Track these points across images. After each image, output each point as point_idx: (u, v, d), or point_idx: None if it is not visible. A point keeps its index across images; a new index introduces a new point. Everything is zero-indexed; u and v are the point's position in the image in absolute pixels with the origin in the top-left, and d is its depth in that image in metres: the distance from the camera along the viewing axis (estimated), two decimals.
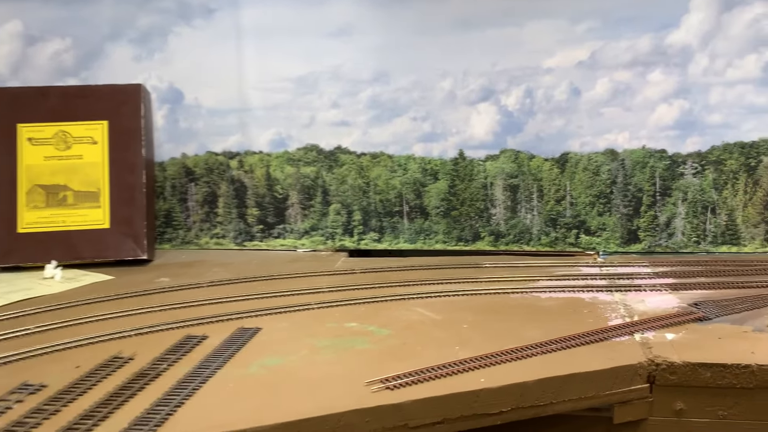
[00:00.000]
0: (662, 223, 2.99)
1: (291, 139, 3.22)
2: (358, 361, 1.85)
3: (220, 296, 2.50)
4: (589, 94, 2.96)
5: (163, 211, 3.38)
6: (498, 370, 1.76)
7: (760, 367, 1.73)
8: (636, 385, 1.77)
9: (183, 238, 3.40)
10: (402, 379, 1.71)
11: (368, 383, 1.69)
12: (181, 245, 3.40)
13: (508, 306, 2.32)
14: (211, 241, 3.37)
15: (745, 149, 2.87)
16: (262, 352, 1.94)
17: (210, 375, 1.79)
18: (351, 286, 2.60)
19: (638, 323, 2.05)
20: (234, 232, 3.35)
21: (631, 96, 2.93)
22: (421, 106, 3.09)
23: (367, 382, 1.69)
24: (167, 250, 3.40)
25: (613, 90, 2.94)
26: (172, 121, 3.31)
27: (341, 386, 1.69)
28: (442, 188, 3.13)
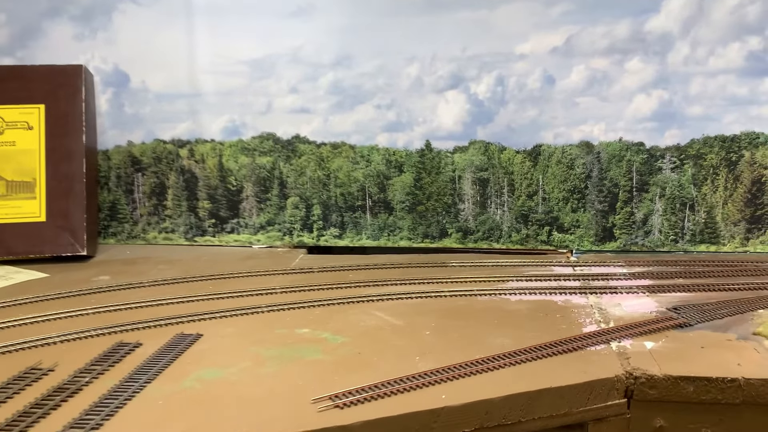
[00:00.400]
0: (639, 220, 2.84)
1: (245, 127, 2.99)
2: (307, 374, 1.66)
3: (162, 297, 2.29)
4: (563, 82, 2.79)
5: (108, 203, 3.13)
6: (461, 385, 1.59)
7: (747, 381, 1.57)
8: (612, 400, 1.61)
9: (129, 232, 3.16)
10: (353, 396, 1.52)
11: (315, 401, 1.51)
12: (127, 240, 3.16)
13: (474, 309, 2.14)
14: (160, 235, 3.14)
15: (726, 143, 2.72)
16: (201, 362, 1.75)
17: (137, 390, 1.60)
18: (307, 287, 2.40)
19: (615, 330, 1.89)
20: (184, 227, 3.11)
21: (608, 85, 2.76)
22: (386, 93, 2.89)
23: (314, 399, 1.51)
24: (111, 246, 3.15)
25: (589, 78, 2.77)
26: (117, 106, 3.06)
27: (284, 405, 1.50)
28: (407, 182, 2.94)
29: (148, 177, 3.11)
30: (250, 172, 3.02)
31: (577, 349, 1.77)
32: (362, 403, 1.50)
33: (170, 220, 3.13)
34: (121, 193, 3.13)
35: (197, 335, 1.96)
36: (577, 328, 1.93)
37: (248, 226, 3.08)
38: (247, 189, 3.04)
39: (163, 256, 2.95)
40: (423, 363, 1.70)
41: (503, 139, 2.86)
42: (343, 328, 1.98)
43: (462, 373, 1.63)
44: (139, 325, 2.03)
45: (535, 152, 2.86)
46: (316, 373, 1.67)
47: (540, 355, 1.73)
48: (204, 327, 2.03)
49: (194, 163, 3.06)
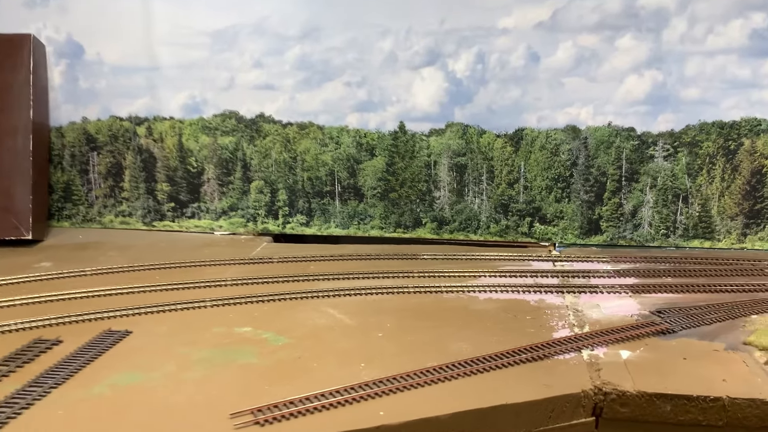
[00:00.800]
0: (627, 213, 2.62)
1: (206, 104, 2.78)
2: (234, 381, 1.48)
3: (100, 288, 2.10)
4: (549, 60, 2.56)
5: (62, 183, 2.93)
6: (405, 399, 1.39)
7: (732, 401, 1.37)
8: (578, 419, 1.42)
9: (84, 215, 2.96)
10: (278, 411, 1.33)
11: (234, 415, 1.32)
12: (82, 223, 2.96)
13: (438, 308, 1.94)
14: (117, 219, 2.94)
15: (725, 130, 2.50)
16: (120, 364, 1.58)
17: (39, 397, 1.43)
18: (261, 279, 2.21)
19: (588, 336, 1.68)
20: (142, 210, 2.91)
21: (597, 64, 2.54)
22: (357, 69, 2.66)
23: (233, 413, 1.32)
24: (64, 230, 2.96)
25: (577, 57, 2.54)
26: (71, 80, 2.85)
27: (197, 418, 1.33)
28: (379, 166, 2.72)
29: (104, 156, 2.90)
30: (212, 153, 2.81)
31: (543, 358, 1.57)
32: (287, 419, 1.32)
33: (127, 203, 2.92)
34: (76, 173, 2.93)
35: (126, 332, 1.78)
36: (546, 332, 1.73)
37: (210, 211, 2.87)
38: (209, 171, 2.84)
39: (117, 241, 2.76)
40: (368, 371, 1.51)
41: (483, 122, 2.64)
42: (289, 328, 1.79)
43: (408, 385, 1.44)
44: (64, 319, 1.85)
45: (517, 136, 2.64)
46: (244, 381, 1.48)
47: (499, 365, 1.53)
48: (135, 323, 1.84)
49: (152, 142, 2.85)
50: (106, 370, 1.56)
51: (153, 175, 2.88)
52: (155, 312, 1.93)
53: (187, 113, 2.80)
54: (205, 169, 2.84)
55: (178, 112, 2.80)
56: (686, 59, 2.49)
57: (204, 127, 2.79)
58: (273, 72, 2.70)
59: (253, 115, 2.76)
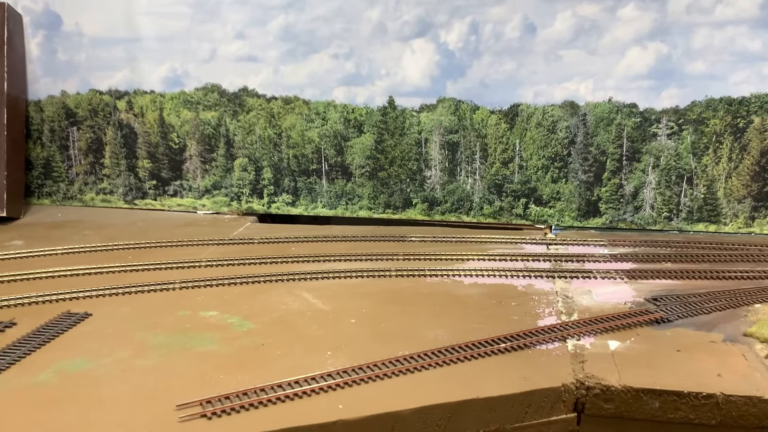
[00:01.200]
0: (628, 194, 2.48)
1: (188, 77, 2.66)
2: (188, 369, 1.39)
3: (65, 268, 2.00)
4: (546, 32, 2.41)
5: (41, 159, 2.83)
6: (369, 391, 1.29)
7: (727, 399, 1.25)
8: (558, 414, 1.31)
9: (65, 192, 2.86)
10: (230, 402, 1.23)
11: (180, 407, 1.21)
12: (63, 201, 2.87)
13: (418, 293, 1.83)
14: (98, 197, 2.84)
15: (733, 106, 2.34)
16: (72, 349, 1.50)
17: None
18: (238, 260, 2.11)
19: (575, 324, 1.56)
20: (123, 188, 2.81)
21: (598, 36, 2.38)
22: (344, 40, 2.53)
23: (179, 405, 1.21)
24: (44, 207, 2.86)
25: (576, 28, 2.39)
26: (49, 52, 2.74)
27: (142, 410, 1.24)
28: (367, 143, 2.60)
29: (84, 131, 2.80)
30: (194, 129, 2.69)
31: (524, 348, 1.45)
32: (237, 412, 1.22)
33: (108, 180, 2.82)
34: (56, 149, 2.83)
35: (85, 314, 1.69)
36: (531, 320, 1.62)
37: (192, 190, 2.76)
38: (191, 147, 2.72)
39: (95, 220, 2.66)
40: (333, 360, 1.41)
41: (476, 97, 2.50)
42: (258, 312, 1.70)
43: (374, 375, 1.34)
44: (23, 300, 1.77)
45: (512, 113, 2.50)
46: (199, 369, 1.39)
47: (475, 354, 1.42)
48: (97, 305, 1.76)
49: (133, 117, 2.74)
50: (56, 355, 1.47)
51: (134, 152, 2.77)
52: (120, 293, 1.83)
53: (168, 86, 2.68)
54: (187, 146, 2.73)
55: (158, 86, 2.69)
56: (693, 31, 2.33)
57: (185, 101, 2.68)
58: (256, 43, 2.57)
59: (235, 89, 2.64)
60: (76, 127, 2.79)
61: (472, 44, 2.45)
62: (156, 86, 2.69)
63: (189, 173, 2.75)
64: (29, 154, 2.82)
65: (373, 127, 2.58)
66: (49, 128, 2.80)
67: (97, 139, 2.80)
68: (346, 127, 2.60)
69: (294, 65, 2.57)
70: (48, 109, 2.79)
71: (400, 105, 2.55)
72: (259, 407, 1.23)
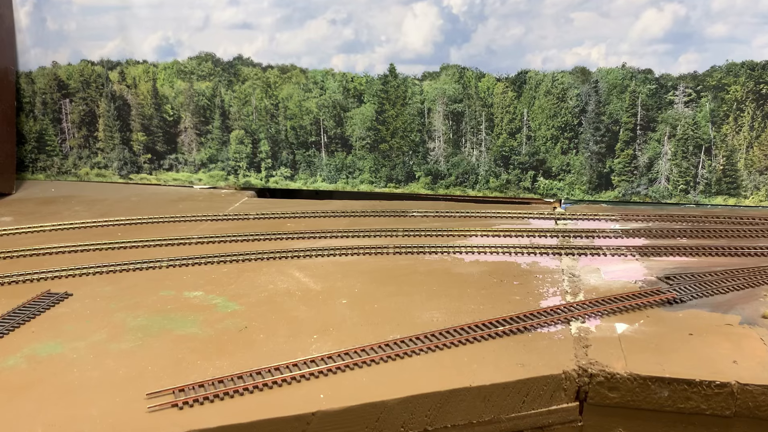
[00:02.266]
0: (642, 166, 2.35)
1: (181, 46, 2.56)
2: (164, 354, 1.31)
3: (49, 245, 1.93)
4: None
5: (34, 133, 2.76)
6: (354, 378, 1.20)
7: (743, 388, 1.15)
8: (558, 404, 1.21)
9: (59, 167, 2.79)
10: (203, 391, 1.15)
11: (150, 395, 1.13)
12: (57, 176, 2.80)
13: (416, 272, 1.73)
14: (92, 171, 2.76)
15: (756, 71, 2.19)
16: (47, 332, 1.43)
17: None
18: (230, 237, 2.03)
19: (581, 305, 1.46)
20: (118, 162, 2.73)
21: None
22: (342, 5, 2.40)
23: (150, 394, 1.13)
24: (38, 182, 2.80)
25: None
26: (38, 21, 2.64)
27: (110, 397, 1.17)
28: (368, 114, 2.48)
29: (77, 104, 2.71)
30: (188, 100, 2.59)
31: (524, 331, 1.35)
32: (210, 401, 1.14)
33: (103, 154, 2.74)
34: (48, 122, 2.74)
35: (65, 294, 1.62)
36: (534, 300, 1.52)
37: (188, 163, 2.68)
38: (186, 119, 2.63)
39: (89, 195, 2.59)
40: (319, 344, 1.33)
41: (481, 64, 2.37)
42: (245, 292, 1.61)
43: (360, 361, 1.25)
44: (2, 279, 1.69)
45: (520, 80, 2.36)
46: (176, 354, 1.31)
47: (470, 338, 1.32)
48: (79, 284, 1.68)
49: (126, 88, 2.64)
50: (29, 337, 1.40)
51: (128, 124, 2.68)
52: (104, 272, 1.75)
53: (161, 56, 2.58)
54: (181, 118, 2.63)
55: (151, 55, 2.59)
56: None
57: (179, 71, 2.58)
58: (250, 9, 2.45)
59: (230, 58, 2.53)
60: (69, 99, 2.71)
61: (476, 7, 2.32)
62: (148, 56, 2.59)
63: (184, 146, 2.66)
64: (21, 128, 2.74)
65: (373, 96, 2.46)
66: (41, 101, 2.72)
67: (90, 112, 2.71)
68: (346, 96, 2.48)
69: (290, 32, 2.45)
70: (39, 80, 2.70)
71: (402, 73, 2.42)
72: (235, 396, 1.15)
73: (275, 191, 2.67)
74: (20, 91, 2.70)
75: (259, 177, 2.63)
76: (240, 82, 2.54)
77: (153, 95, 2.62)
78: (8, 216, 2.31)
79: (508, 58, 2.34)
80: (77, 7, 2.60)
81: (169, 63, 2.58)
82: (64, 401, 1.15)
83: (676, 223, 2.11)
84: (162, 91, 2.61)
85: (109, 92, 2.65)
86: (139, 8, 2.54)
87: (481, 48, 2.35)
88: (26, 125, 2.75)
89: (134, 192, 2.64)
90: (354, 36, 2.42)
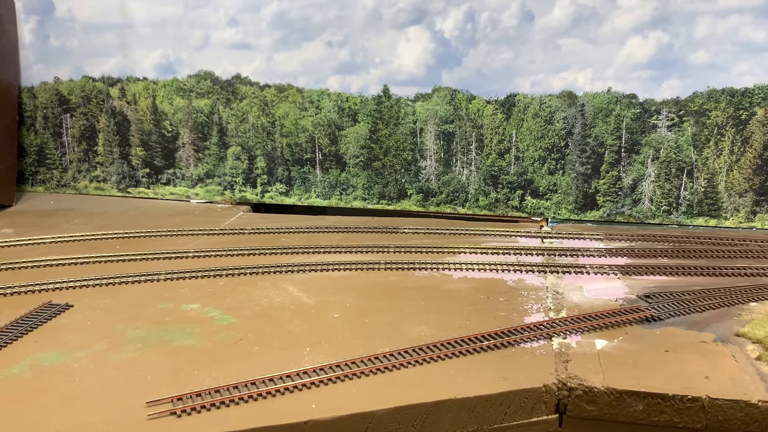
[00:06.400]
0: (627, 187, 2.43)
1: (181, 64, 2.62)
2: (163, 364, 1.36)
3: (50, 257, 1.98)
4: (544, 20, 2.35)
5: (35, 146, 2.81)
6: (345, 389, 1.26)
7: (713, 402, 1.21)
8: (539, 416, 1.27)
9: (59, 180, 2.84)
10: (202, 400, 1.20)
11: (150, 404, 1.19)
12: (57, 189, 2.85)
13: (406, 287, 1.79)
14: (91, 185, 2.82)
15: (735, 98, 2.28)
16: (49, 341, 1.48)
17: None
18: (226, 251, 2.08)
19: (563, 322, 1.52)
20: (116, 176, 2.78)
21: (597, 24, 2.32)
22: (338, 27, 2.48)
23: (150, 402, 1.19)
24: (38, 195, 2.85)
25: (575, 15, 2.33)
26: (42, 38, 2.71)
27: (112, 406, 1.21)
28: (362, 133, 2.56)
29: (77, 119, 2.77)
30: (187, 117, 2.66)
31: (507, 346, 1.42)
32: (207, 410, 1.19)
33: (102, 168, 2.80)
34: (49, 136, 2.80)
35: (66, 305, 1.67)
36: (518, 316, 1.58)
37: (185, 178, 2.74)
38: (184, 135, 2.69)
39: (87, 208, 2.64)
40: (311, 356, 1.38)
41: (472, 86, 2.45)
42: (241, 305, 1.67)
43: (351, 373, 1.30)
44: (4, 290, 1.75)
45: (509, 103, 2.44)
46: (174, 365, 1.36)
47: (456, 353, 1.38)
48: (79, 296, 1.73)
49: (126, 104, 2.71)
50: (32, 347, 1.45)
51: (127, 139, 2.74)
52: (103, 285, 1.81)
53: (161, 74, 2.65)
54: (180, 134, 2.70)
55: (151, 73, 2.66)
56: (695, 19, 2.26)
57: (178, 88, 2.64)
58: (249, 30, 2.53)
59: (229, 76, 2.60)
60: (69, 114, 2.77)
61: (468, 32, 2.40)
62: (149, 73, 2.66)
63: (182, 161, 2.72)
64: (23, 141, 2.80)
65: (367, 116, 2.54)
66: (42, 115, 2.78)
67: (90, 127, 2.77)
68: (340, 115, 2.55)
69: (287, 53, 2.53)
70: (41, 95, 2.76)
71: (395, 94, 2.50)
72: (231, 405, 1.20)
73: (270, 206, 2.73)
74: (22, 105, 2.76)
75: (254, 192, 2.69)
76: (238, 100, 2.61)
77: (152, 111, 2.68)
78: (9, 228, 2.36)
79: (498, 81, 2.42)
80: (80, 25, 2.67)
81: (169, 80, 2.64)
82: (66, 409, 1.20)
83: (658, 243, 2.18)
84: (161, 108, 2.68)
85: (110, 108, 2.72)
86: (141, 27, 2.61)
87: (471, 71, 2.43)
88: (27, 139, 2.80)
89: (132, 206, 2.70)
90: (349, 57, 2.50)
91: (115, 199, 2.80)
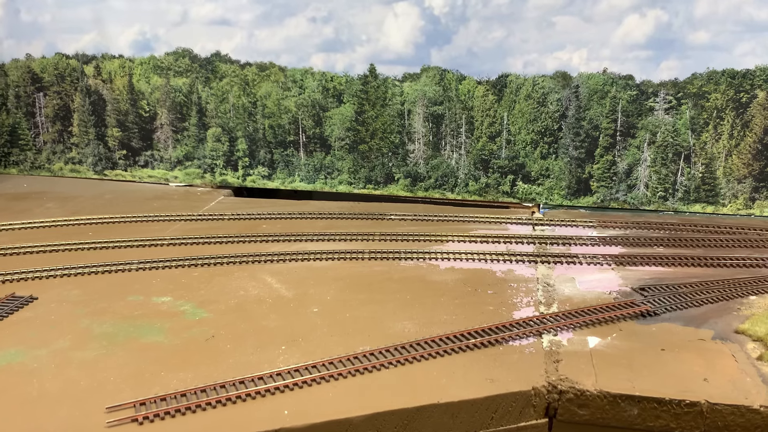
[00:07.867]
0: (621, 172, 2.34)
1: (158, 41, 2.51)
2: (128, 364, 1.28)
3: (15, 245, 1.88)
4: None
5: (7, 126, 2.70)
6: (320, 393, 1.18)
7: (713, 407, 1.14)
8: (527, 420, 1.20)
9: (33, 161, 2.73)
10: (165, 405, 1.11)
11: (110, 409, 1.10)
12: (31, 171, 2.74)
13: (390, 279, 1.71)
14: (66, 167, 2.71)
15: (736, 80, 2.19)
16: (9, 338, 1.41)
17: None
18: (203, 239, 1.99)
19: (554, 317, 1.45)
20: (92, 158, 2.67)
21: (593, 2, 2.22)
22: (322, 2, 2.37)
23: (110, 407, 1.10)
24: (10, 177, 2.74)
25: None
26: (12, 12, 2.58)
27: (68, 412, 1.12)
28: (347, 114, 2.45)
29: (51, 98, 2.65)
30: (165, 96, 2.55)
31: (495, 344, 1.34)
32: (173, 416, 1.11)
33: (77, 149, 2.69)
34: (21, 115, 2.69)
35: (30, 298, 1.58)
36: (507, 311, 1.50)
37: (164, 160, 2.63)
38: (162, 116, 2.58)
39: (62, 191, 2.54)
40: (287, 356, 1.30)
41: (462, 66, 2.34)
42: (215, 298, 1.58)
43: (327, 375, 1.22)
44: None
45: (501, 83, 2.34)
46: (140, 365, 1.27)
47: (441, 351, 1.30)
48: (45, 287, 1.64)
49: (101, 82, 2.59)
50: None
51: (103, 119, 2.63)
52: (71, 275, 1.71)
53: (138, 51, 2.53)
54: (158, 114, 2.58)
55: (127, 50, 2.54)
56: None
57: (156, 66, 2.52)
58: (229, 5, 2.41)
59: (208, 54, 2.49)
60: (43, 93, 2.65)
61: (458, 9, 2.29)
62: (125, 50, 2.54)
63: (160, 143, 2.61)
64: None
65: (353, 96, 2.43)
66: (14, 93, 2.66)
67: (64, 106, 2.65)
68: (325, 96, 2.45)
69: (269, 29, 2.41)
70: (12, 73, 2.64)
71: (382, 74, 2.39)
72: (197, 411, 1.12)
73: (252, 190, 2.63)
74: None
75: (236, 175, 2.59)
76: (217, 79, 2.50)
77: (129, 90, 2.57)
78: None
79: (489, 61, 2.32)
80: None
81: (146, 58, 2.53)
82: (20, 414, 1.11)
83: (654, 231, 2.10)
84: (138, 87, 2.57)
85: (84, 86, 2.60)
86: (116, 1, 2.48)
87: (462, 50, 2.32)
88: None
89: (108, 189, 2.59)
90: (334, 35, 2.39)
91: (91, 181, 2.69)
